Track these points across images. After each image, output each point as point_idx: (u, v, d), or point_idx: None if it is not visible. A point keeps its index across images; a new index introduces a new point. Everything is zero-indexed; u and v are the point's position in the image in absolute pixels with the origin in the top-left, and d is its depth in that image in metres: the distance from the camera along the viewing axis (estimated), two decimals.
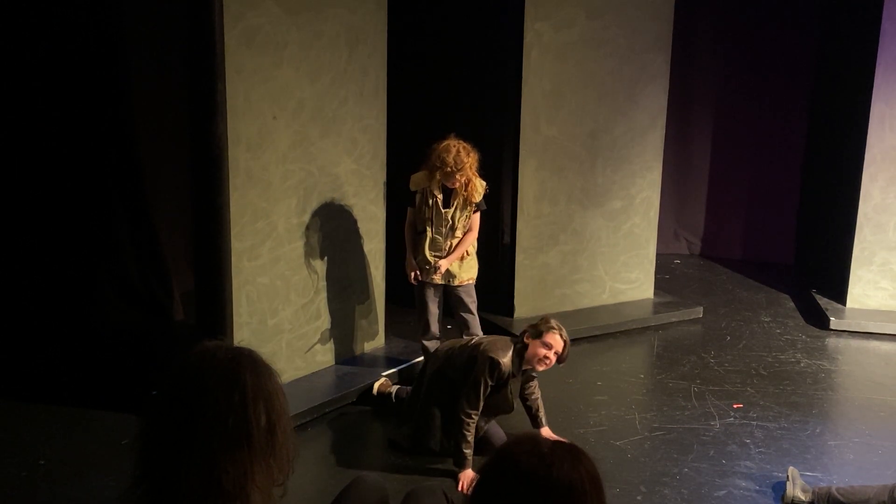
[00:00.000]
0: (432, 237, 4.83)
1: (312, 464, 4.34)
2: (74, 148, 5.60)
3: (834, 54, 7.12)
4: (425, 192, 4.81)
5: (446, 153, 4.62)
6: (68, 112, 5.53)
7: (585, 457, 1.71)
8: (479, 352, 4.20)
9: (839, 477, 4.25)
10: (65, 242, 5.69)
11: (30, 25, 5.37)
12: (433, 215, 4.80)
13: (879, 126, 6.24)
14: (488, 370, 4.11)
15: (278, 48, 4.54)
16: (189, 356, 1.71)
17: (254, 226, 4.59)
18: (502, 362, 4.12)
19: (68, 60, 5.47)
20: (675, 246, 8.10)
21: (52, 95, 5.49)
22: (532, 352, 4.14)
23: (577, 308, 6.29)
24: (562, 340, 4.14)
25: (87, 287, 5.77)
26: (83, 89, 5.54)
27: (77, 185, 5.65)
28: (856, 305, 6.49)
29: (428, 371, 4.46)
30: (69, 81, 5.50)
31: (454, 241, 4.85)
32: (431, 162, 4.69)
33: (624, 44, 6.04)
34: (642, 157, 6.32)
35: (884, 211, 6.35)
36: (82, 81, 5.53)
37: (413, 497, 2.89)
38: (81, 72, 5.51)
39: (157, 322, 5.87)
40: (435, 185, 4.77)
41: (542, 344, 4.11)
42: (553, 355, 4.14)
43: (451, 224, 4.82)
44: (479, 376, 4.12)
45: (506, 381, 4.17)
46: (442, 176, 4.68)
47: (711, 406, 5.02)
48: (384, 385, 4.94)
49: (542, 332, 4.12)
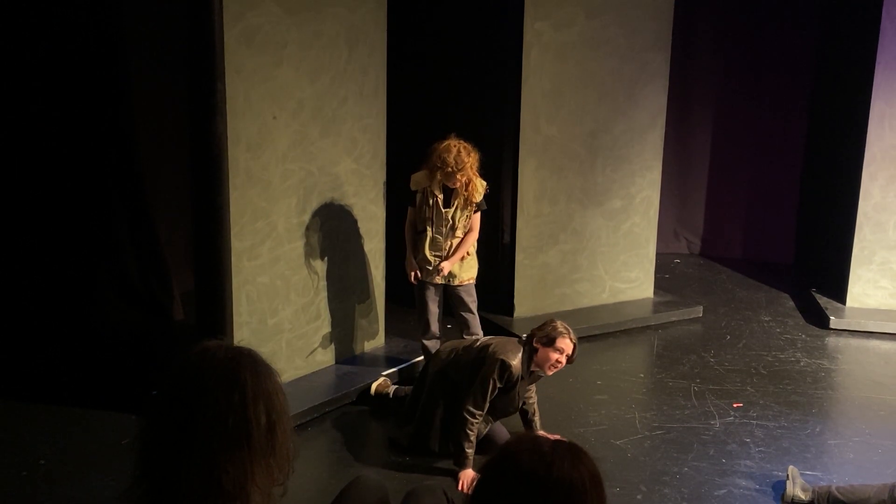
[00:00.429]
0: (433, 237, 4.83)
1: (313, 463, 4.34)
2: (74, 148, 5.60)
3: (834, 53, 7.12)
4: (426, 191, 4.81)
5: (447, 153, 4.62)
6: (68, 112, 5.53)
7: (586, 456, 1.71)
8: (487, 353, 4.19)
9: (839, 476, 4.25)
10: (65, 242, 5.69)
11: (30, 25, 5.37)
12: (434, 215, 4.80)
13: (879, 125, 6.24)
14: (498, 372, 4.10)
15: (278, 48, 4.54)
16: (189, 356, 1.71)
17: (254, 225, 4.59)
18: (513, 364, 4.12)
19: (68, 60, 5.47)
20: (674, 245, 8.10)
21: (51, 95, 5.49)
22: (543, 356, 4.14)
23: (577, 307, 6.29)
24: (572, 343, 4.15)
25: (87, 287, 5.77)
26: (83, 89, 5.54)
27: (77, 185, 5.65)
28: (856, 304, 6.48)
29: (430, 371, 4.45)
30: (69, 81, 5.50)
31: (454, 240, 4.85)
32: (432, 162, 4.69)
33: (624, 43, 6.04)
34: (642, 157, 6.32)
35: (884, 210, 6.35)
36: (82, 81, 5.53)
37: (413, 496, 2.89)
38: (81, 72, 5.51)
39: (157, 322, 5.87)
40: (436, 185, 4.77)
41: (553, 349, 4.11)
42: (564, 359, 4.15)
43: (452, 224, 4.82)
44: (487, 377, 4.11)
45: (514, 383, 4.17)
46: (443, 176, 4.68)
47: (711, 405, 5.02)
48: (382, 385, 4.94)
49: (554, 337, 4.12)
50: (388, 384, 4.96)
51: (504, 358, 4.11)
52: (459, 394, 4.23)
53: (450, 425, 4.27)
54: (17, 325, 5.53)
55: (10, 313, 5.56)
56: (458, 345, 4.48)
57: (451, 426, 4.24)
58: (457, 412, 4.17)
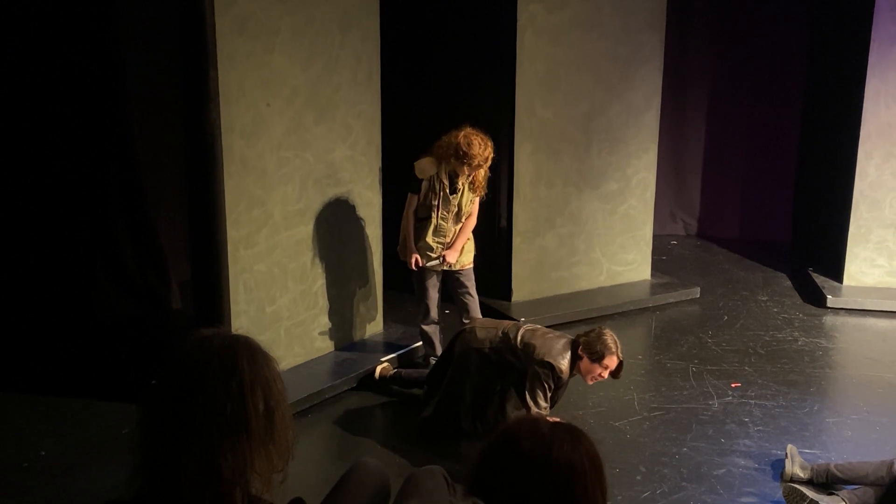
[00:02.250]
0: (437, 223, 4.83)
1: (313, 450, 4.35)
2: (70, 138, 5.58)
3: (828, 32, 7.09)
4: (432, 179, 4.79)
5: (470, 146, 4.58)
6: (62, 101, 5.50)
7: (585, 437, 1.72)
8: (534, 354, 4.13)
9: (837, 454, 4.27)
10: (61, 233, 5.67)
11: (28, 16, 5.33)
12: (440, 202, 4.79)
13: (874, 103, 6.23)
14: (551, 375, 4.09)
15: (270, 35, 4.52)
16: (187, 345, 1.71)
17: (250, 214, 4.58)
18: (562, 369, 4.10)
19: (61, 48, 5.44)
20: (671, 227, 8.11)
21: (45, 84, 5.46)
22: (587, 368, 4.12)
23: (575, 291, 6.30)
24: (618, 360, 4.12)
25: (84, 278, 5.76)
26: (77, 78, 5.51)
27: (73, 175, 5.63)
28: (852, 283, 6.50)
29: (457, 350, 4.40)
30: (63, 70, 5.47)
31: (457, 227, 4.86)
32: (446, 151, 4.65)
33: (618, 24, 6.02)
34: (638, 139, 6.31)
35: (879, 188, 6.35)
36: (76, 70, 5.50)
37: (413, 480, 2.90)
38: (75, 60, 5.48)
39: (154, 311, 5.87)
40: (443, 173, 4.76)
41: (600, 365, 4.10)
42: (607, 374, 4.14)
43: (458, 210, 4.82)
44: (541, 381, 4.08)
45: (563, 385, 4.19)
46: (460, 166, 4.65)
47: (710, 385, 5.04)
48: (386, 369, 4.95)
49: (603, 355, 4.07)
50: (391, 368, 4.98)
51: (553, 362, 4.09)
52: (492, 379, 4.25)
53: (478, 408, 4.30)
54: (15, 316, 5.53)
55: (8, 304, 5.56)
56: (492, 332, 4.35)
57: (480, 409, 4.29)
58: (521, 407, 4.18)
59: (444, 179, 4.77)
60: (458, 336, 4.46)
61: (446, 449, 4.27)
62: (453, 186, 4.79)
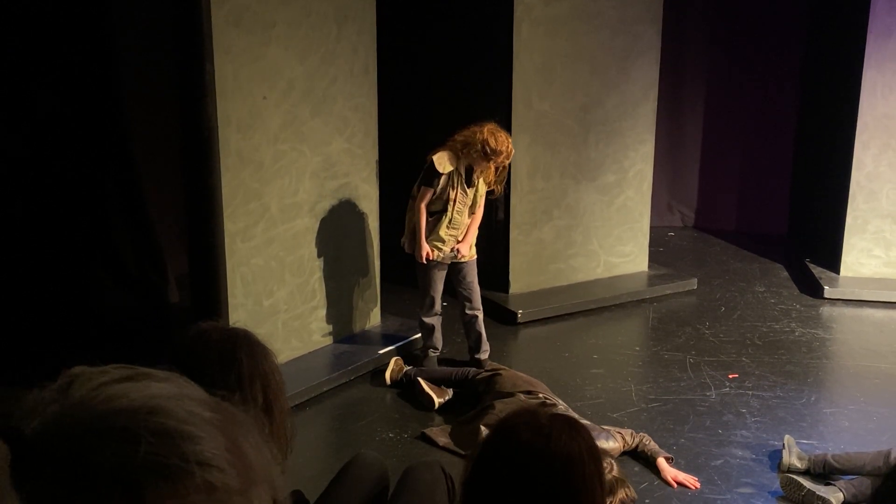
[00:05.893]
0: (452, 217, 4.83)
1: (311, 442, 4.36)
2: (65, 131, 5.57)
3: (825, 23, 7.09)
4: (451, 173, 4.79)
5: (498, 143, 4.62)
6: (58, 96, 5.49)
7: (583, 429, 1.73)
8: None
9: (835, 444, 4.28)
10: (58, 227, 5.66)
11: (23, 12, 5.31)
12: (457, 196, 4.79)
13: (871, 94, 6.22)
14: None
15: (266, 27, 4.51)
16: (184, 338, 1.71)
17: (246, 207, 4.58)
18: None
19: (57, 42, 5.42)
20: (668, 218, 8.11)
21: (41, 76, 5.44)
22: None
23: (572, 282, 6.30)
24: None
25: (81, 271, 5.76)
26: (73, 72, 5.50)
27: (68, 170, 5.62)
28: (849, 274, 6.50)
29: (495, 389, 4.49)
30: (58, 64, 5.46)
31: (468, 219, 4.88)
32: (470, 145, 4.65)
33: (614, 16, 6.01)
34: (635, 130, 6.31)
35: (876, 179, 6.36)
36: (72, 63, 5.49)
37: (411, 473, 2.90)
38: (70, 54, 5.47)
39: (151, 305, 5.87)
40: (461, 167, 4.76)
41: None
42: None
43: (473, 203, 4.84)
44: None
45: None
46: (484, 162, 4.68)
47: (707, 377, 5.05)
48: (395, 371, 4.92)
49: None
50: (401, 367, 4.95)
51: None
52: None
53: None
54: (11, 310, 5.52)
55: (4, 299, 5.55)
56: (526, 397, 4.40)
57: None
58: None
59: (462, 173, 4.78)
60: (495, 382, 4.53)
61: (445, 444, 4.27)
62: (469, 180, 4.80)
